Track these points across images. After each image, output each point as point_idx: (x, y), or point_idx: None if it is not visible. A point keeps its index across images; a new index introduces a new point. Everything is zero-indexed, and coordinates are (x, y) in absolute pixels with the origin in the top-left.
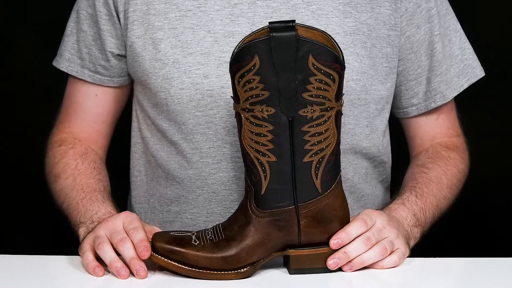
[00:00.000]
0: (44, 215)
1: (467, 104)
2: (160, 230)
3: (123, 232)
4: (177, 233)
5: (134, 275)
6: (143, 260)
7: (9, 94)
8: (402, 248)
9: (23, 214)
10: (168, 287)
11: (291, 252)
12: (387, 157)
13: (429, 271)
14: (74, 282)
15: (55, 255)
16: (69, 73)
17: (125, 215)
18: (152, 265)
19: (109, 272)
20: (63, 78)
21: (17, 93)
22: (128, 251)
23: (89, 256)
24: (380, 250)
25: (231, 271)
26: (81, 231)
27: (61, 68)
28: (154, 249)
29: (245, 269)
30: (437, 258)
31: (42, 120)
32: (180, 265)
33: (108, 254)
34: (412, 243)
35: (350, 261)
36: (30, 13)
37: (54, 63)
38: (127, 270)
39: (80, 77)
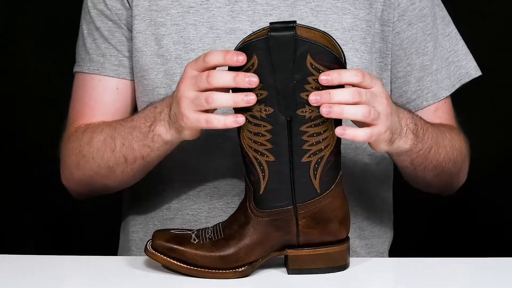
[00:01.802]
0: (44, 215)
1: (462, 101)
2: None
3: (202, 73)
4: (178, 231)
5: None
6: None
7: (9, 94)
8: (382, 127)
9: (23, 214)
10: (166, 286)
11: (290, 252)
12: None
13: (429, 271)
14: (74, 282)
15: (55, 255)
16: (92, 72)
17: (187, 68)
18: (151, 263)
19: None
20: (63, 78)
21: (17, 93)
22: (225, 77)
23: (216, 116)
24: (364, 111)
25: (229, 270)
26: (160, 128)
27: (84, 71)
28: (153, 246)
29: (243, 268)
30: (437, 258)
31: (42, 120)
32: (178, 263)
33: (224, 97)
34: (399, 144)
35: (330, 106)
36: (30, 13)
37: (77, 69)
38: (253, 93)
39: (101, 74)
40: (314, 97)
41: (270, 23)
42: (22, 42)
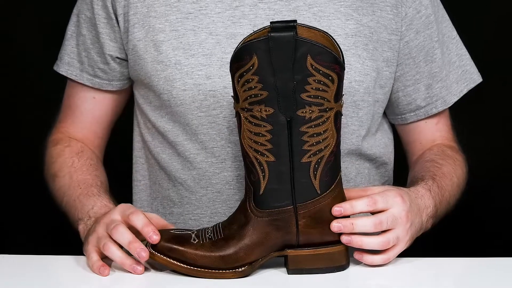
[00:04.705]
0: (44, 215)
1: (464, 106)
2: (159, 217)
3: (117, 220)
4: (178, 231)
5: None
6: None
7: (9, 94)
8: (402, 245)
9: (23, 214)
10: (166, 286)
11: (290, 252)
12: (388, 158)
13: (429, 271)
14: (74, 282)
15: (55, 255)
16: (68, 76)
17: (121, 206)
18: (151, 263)
19: (114, 270)
20: (63, 79)
21: (17, 93)
22: (123, 236)
23: (94, 257)
24: (383, 242)
25: (229, 270)
26: (80, 228)
27: (60, 72)
28: (153, 246)
29: (243, 268)
30: (436, 258)
31: (42, 120)
32: (178, 263)
33: (116, 254)
34: (420, 233)
35: (351, 234)
36: (30, 13)
37: (55, 68)
38: (141, 265)
39: (79, 81)
40: (337, 225)
41: (271, 23)
42: (22, 42)
